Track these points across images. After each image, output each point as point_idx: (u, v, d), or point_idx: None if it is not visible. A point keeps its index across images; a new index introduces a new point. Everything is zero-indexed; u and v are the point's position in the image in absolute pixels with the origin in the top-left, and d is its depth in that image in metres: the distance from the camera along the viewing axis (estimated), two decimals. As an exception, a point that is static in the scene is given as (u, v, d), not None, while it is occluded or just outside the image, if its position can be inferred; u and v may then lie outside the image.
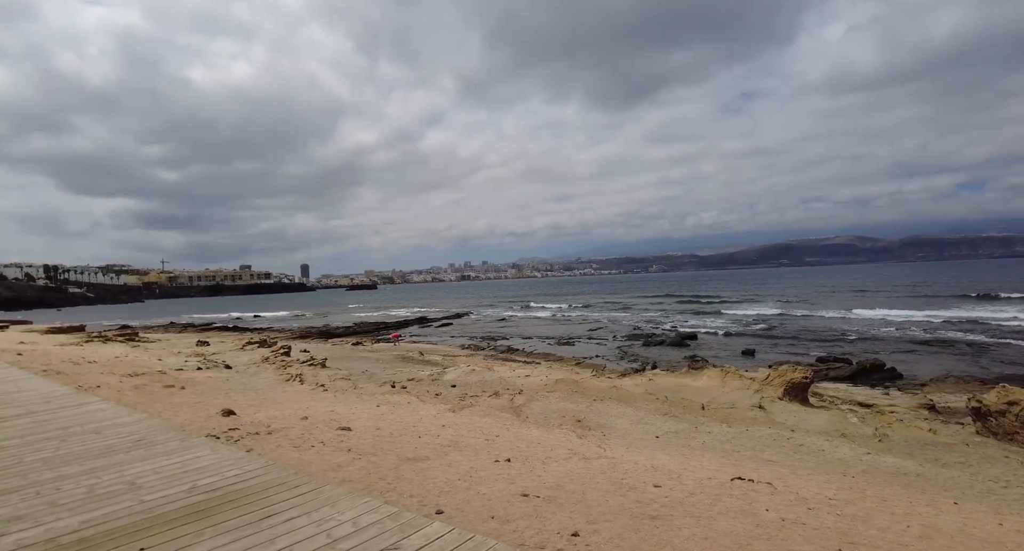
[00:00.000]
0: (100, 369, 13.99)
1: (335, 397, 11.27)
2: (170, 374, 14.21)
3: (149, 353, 21.32)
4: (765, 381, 16.20)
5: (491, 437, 7.20)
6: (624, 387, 14.85)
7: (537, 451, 6.45)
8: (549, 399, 11.92)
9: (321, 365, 19.20)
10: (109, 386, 11.41)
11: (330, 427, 7.25)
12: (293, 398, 10.90)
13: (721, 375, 17.10)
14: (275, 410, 9.22)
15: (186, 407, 9.59)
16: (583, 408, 11.01)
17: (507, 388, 13.63)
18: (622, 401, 12.08)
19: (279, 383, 13.66)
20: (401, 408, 9.63)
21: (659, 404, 12.07)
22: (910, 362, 25.02)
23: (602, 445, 7.47)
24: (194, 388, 12.29)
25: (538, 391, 13.12)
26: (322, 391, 12.28)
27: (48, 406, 7.48)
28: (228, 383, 13.33)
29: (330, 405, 9.88)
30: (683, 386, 15.53)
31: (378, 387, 13.88)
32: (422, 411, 9.34)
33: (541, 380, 16.21)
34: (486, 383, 14.70)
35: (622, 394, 13.09)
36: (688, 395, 14.49)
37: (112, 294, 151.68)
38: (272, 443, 6.20)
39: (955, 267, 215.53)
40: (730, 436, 9.10)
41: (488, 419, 8.85)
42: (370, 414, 8.80)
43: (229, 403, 10.24)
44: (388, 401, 10.66)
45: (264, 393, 11.72)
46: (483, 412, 9.79)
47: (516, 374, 17.60)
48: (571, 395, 12.57)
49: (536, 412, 10.40)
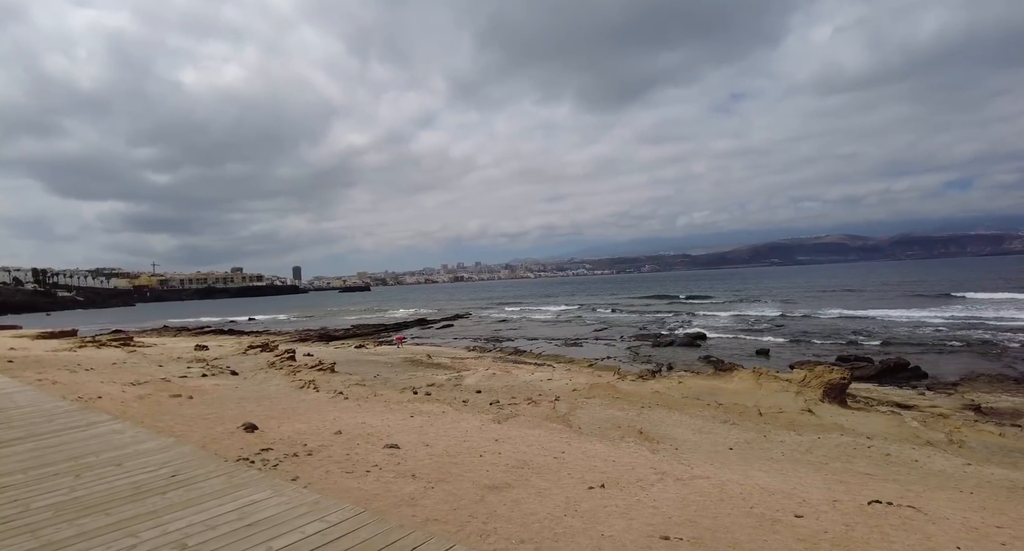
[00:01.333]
0: (99, 377, 12.99)
1: (359, 406, 10.34)
2: (175, 382, 13.22)
3: (147, 359, 20.26)
4: (802, 382, 15.43)
5: (557, 454, 6.34)
6: (661, 391, 14.02)
7: (622, 472, 5.59)
8: (592, 406, 11.06)
9: (330, 370, 18.24)
10: (111, 397, 10.43)
11: (373, 444, 6.35)
12: (314, 408, 9.97)
13: (754, 377, 16.30)
14: (300, 423, 8.29)
15: (200, 420, 8.64)
16: (634, 416, 10.17)
17: (539, 394, 12.75)
18: (671, 407, 11.24)
19: (293, 390, 12.70)
20: (439, 419, 8.73)
21: (712, 410, 11.25)
22: (929, 361, 24.35)
23: (683, 461, 6.63)
24: (203, 397, 11.32)
25: (575, 397, 12.25)
26: (342, 399, 11.34)
27: (51, 426, 6.38)
28: (238, 391, 12.36)
29: (358, 416, 8.96)
30: (719, 389, 14.71)
31: (399, 393, 12.95)
32: (464, 423, 8.45)
33: (566, 384, 15.35)
34: (512, 389, 13.81)
35: (667, 400, 12.26)
36: (726, 399, 13.67)
37: (102, 298, 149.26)
38: (318, 468, 5.29)
39: (946, 265, 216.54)
40: (807, 445, 8.29)
41: (540, 431, 7.98)
42: (408, 427, 7.90)
43: (246, 415, 9.29)
44: (420, 410, 9.75)
45: (280, 402, 10.77)
46: (531, 423, 8.91)
47: (536, 378, 16.71)
48: (613, 401, 11.71)
49: (586, 422, 9.54)
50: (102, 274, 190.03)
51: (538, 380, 15.88)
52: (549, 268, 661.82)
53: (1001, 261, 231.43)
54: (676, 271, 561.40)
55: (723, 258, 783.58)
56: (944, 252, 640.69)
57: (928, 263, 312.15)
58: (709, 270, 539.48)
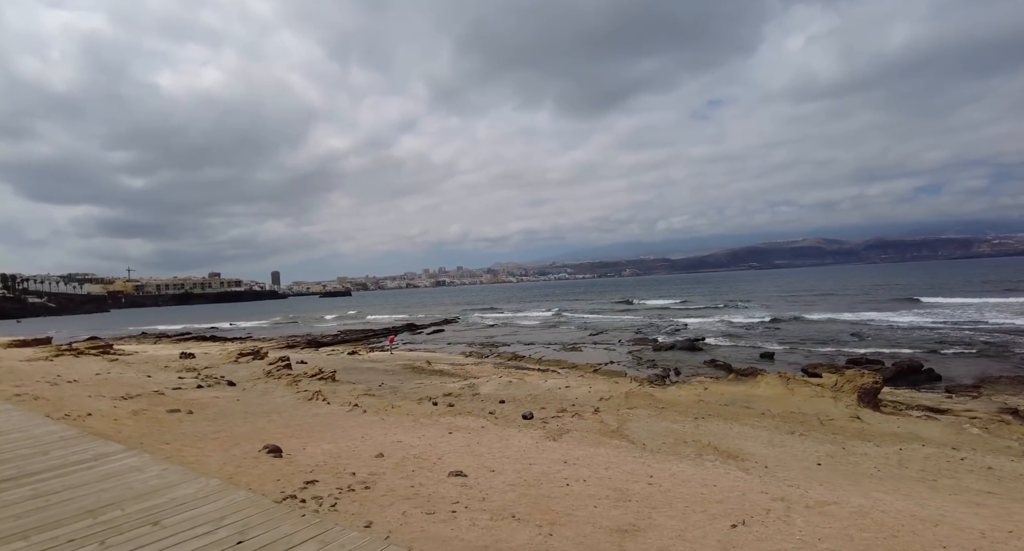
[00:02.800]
0: (85, 391, 11.80)
1: (383, 421, 9.37)
2: (169, 395, 12.08)
3: (132, 368, 18.94)
4: (835, 388, 14.82)
5: (649, 479, 5.52)
6: (691, 398, 13.23)
7: (738, 501, 4.78)
8: (640, 418, 10.23)
9: (332, 378, 17.18)
10: (102, 413, 9.32)
11: (431, 470, 5.44)
12: (334, 424, 8.98)
13: (782, 382, 15.64)
14: (326, 442, 7.32)
15: (209, 441, 7.60)
16: (691, 428, 9.37)
17: (571, 404, 11.88)
18: (724, 417, 10.47)
19: (301, 403, 11.66)
20: (482, 435, 7.82)
21: (767, 419, 10.51)
22: (937, 362, 23.98)
23: (787, 482, 5.84)
24: (203, 412, 10.25)
25: (613, 407, 11.41)
26: (360, 413, 10.35)
27: (48, 461, 4.95)
28: (241, 405, 11.30)
29: (390, 433, 8.01)
30: (751, 395, 13.99)
31: (417, 404, 11.99)
32: (513, 440, 7.55)
33: (587, 392, 14.50)
34: (537, 398, 12.93)
35: (713, 409, 11.48)
36: (762, 405, 12.96)
37: (75, 304, 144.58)
38: (388, 508, 4.35)
39: (919, 268, 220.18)
40: (894, 458, 7.57)
41: (606, 450, 7.13)
42: (454, 446, 6.98)
43: (259, 433, 8.27)
44: (455, 425, 8.82)
45: (293, 417, 9.75)
46: (588, 439, 8.04)
47: (552, 385, 15.85)
48: (659, 412, 10.90)
49: (645, 436, 8.70)
50: (75, 280, 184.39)
51: (557, 388, 15.02)
52: (531, 272, 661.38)
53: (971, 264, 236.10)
54: (656, 275, 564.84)
55: (702, 262, 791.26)
56: (916, 255, 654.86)
57: (901, 266, 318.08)
58: (689, 274, 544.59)
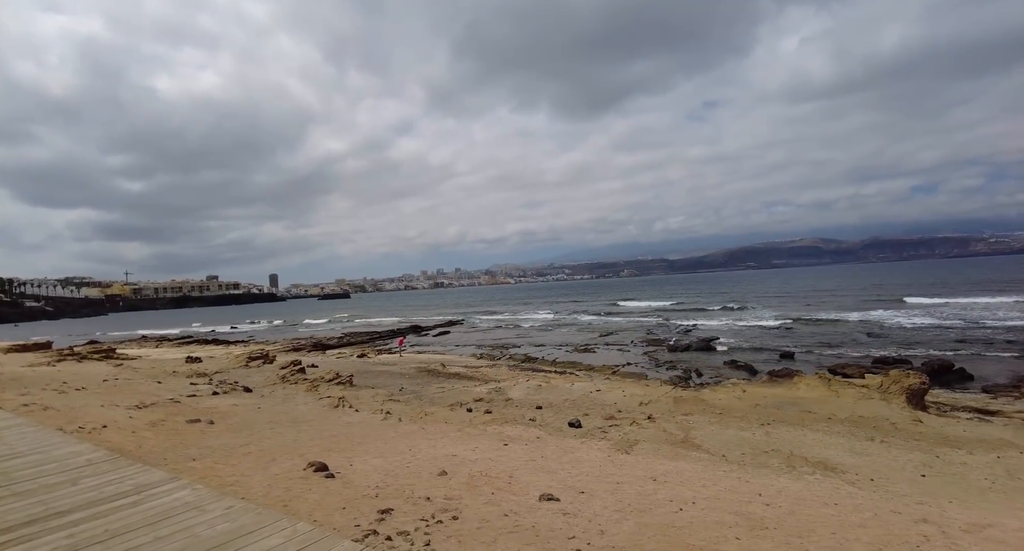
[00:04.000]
0: (96, 399, 11.05)
1: (424, 430, 8.65)
2: (184, 403, 11.33)
3: (140, 374, 18.17)
4: (881, 389, 14.14)
5: (760, 499, 4.83)
6: (728, 401, 12.53)
7: (883, 525, 4.12)
8: (704, 425, 9.54)
9: (349, 383, 16.45)
10: (118, 425, 8.57)
11: (513, 493, 4.73)
12: (373, 434, 8.25)
13: (823, 383, 14.96)
14: (374, 456, 6.60)
15: (241, 456, 6.88)
16: (762, 436, 8.68)
17: (617, 410, 11.17)
18: (790, 423, 9.79)
19: (327, 411, 10.93)
20: (542, 447, 7.11)
21: (835, 424, 9.83)
22: (963, 362, 23.34)
23: (913, 500, 5.17)
24: (226, 422, 9.52)
25: (664, 413, 10.71)
26: (396, 421, 9.62)
27: (80, 494, 3.93)
28: (263, 413, 10.56)
29: (438, 445, 7.29)
30: (795, 398, 13.30)
31: (449, 411, 11.26)
32: (581, 452, 6.85)
33: (622, 395, 13.80)
34: (575, 403, 12.21)
35: (772, 413, 10.80)
36: (809, 407, 12.30)
37: (73, 308, 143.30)
38: (497, 549, 3.63)
39: (918, 267, 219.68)
40: (1003, 468, 6.90)
41: (686, 463, 6.44)
42: (517, 460, 6.27)
43: (293, 446, 7.54)
44: (507, 435, 8.10)
45: (324, 427, 9.02)
46: (662, 451, 7.34)
47: (581, 389, 15.14)
48: (720, 417, 10.21)
49: (716, 445, 8.01)
50: (72, 283, 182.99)
51: (588, 392, 14.31)
52: (529, 273, 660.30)
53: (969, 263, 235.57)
54: (655, 275, 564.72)
55: (700, 262, 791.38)
56: (914, 255, 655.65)
57: (899, 265, 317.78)
58: (687, 274, 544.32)
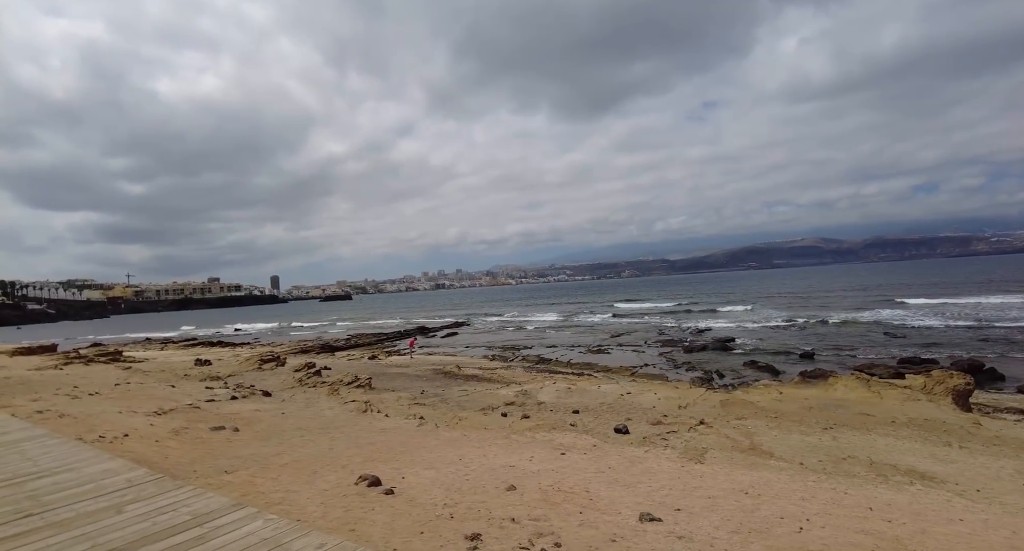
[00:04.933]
0: (112, 405, 10.51)
1: (466, 437, 8.10)
2: (204, 408, 10.79)
3: (151, 377, 17.63)
4: (925, 390, 13.60)
5: (877, 515, 4.29)
6: (767, 404, 11.98)
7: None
8: (762, 430, 9.00)
9: (369, 386, 15.93)
10: (140, 433, 8.03)
11: (604, 512, 4.20)
12: (413, 442, 7.70)
13: (862, 384, 14.42)
14: (423, 467, 6.06)
15: (278, 468, 6.33)
16: (830, 441, 8.15)
17: (663, 414, 10.63)
18: (854, 427, 9.25)
19: (354, 416, 10.38)
20: (604, 456, 6.57)
21: (897, 428, 9.30)
22: (991, 361, 22.76)
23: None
24: (251, 429, 8.97)
25: (712, 416, 10.16)
26: (431, 427, 9.07)
27: (127, 523, 3.43)
28: (289, 419, 10.01)
29: (487, 453, 6.75)
30: (837, 400, 12.76)
31: (484, 416, 10.72)
32: (650, 462, 6.31)
33: (655, 397, 13.26)
34: (613, 408, 11.67)
35: (827, 416, 10.25)
36: (859, 410, 11.76)
37: (75, 310, 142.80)
38: None
39: (920, 266, 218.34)
40: None
41: (768, 473, 5.90)
42: (585, 473, 5.73)
43: (331, 456, 7.00)
44: (560, 443, 7.56)
45: (357, 434, 8.47)
46: (736, 460, 6.80)
47: (609, 391, 14.60)
48: (776, 421, 9.67)
49: (787, 451, 7.47)
50: (74, 286, 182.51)
51: (620, 395, 13.77)
52: (530, 274, 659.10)
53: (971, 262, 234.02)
54: (656, 276, 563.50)
55: (701, 262, 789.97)
56: (915, 254, 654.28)
57: (901, 265, 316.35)
58: (688, 274, 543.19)
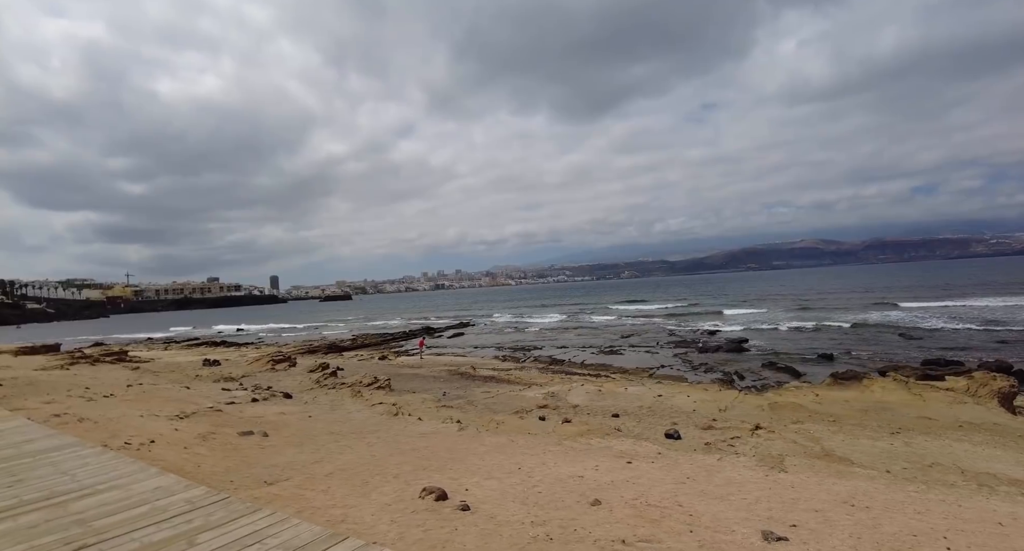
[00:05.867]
0: (129, 407, 9.98)
1: (514, 443, 7.59)
2: (227, 411, 10.27)
3: (162, 378, 17.10)
4: (968, 392, 13.13)
5: (1021, 536, 3.81)
6: (822, 405, 11.48)
7: None
8: (828, 435, 8.52)
9: (388, 387, 15.42)
10: (166, 439, 7.51)
11: (721, 532, 3.73)
12: (460, 448, 7.19)
13: (901, 386, 13.94)
14: (484, 478, 5.56)
15: (325, 479, 5.83)
16: (902, 446, 7.69)
17: (711, 419, 10.12)
18: (922, 431, 8.77)
19: (386, 419, 9.87)
20: (675, 465, 6.08)
21: (973, 432, 8.81)
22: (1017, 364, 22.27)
23: None
24: (280, 434, 8.45)
25: (776, 421, 9.67)
26: (473, 432, 8.56)
27: None
28: (318, 423, 9.49)
29: (547, 461, 6.25)
30: (879, 402, 12.31)
31: (520, 420, 10.22)
32: (729, 471, 5.82)
33: (688, 400, 12.78)
34: (653, 411, 11.18)
35: (894, 419, 9.77)
36: (907, 412, 11.24)
37: (74, 309, 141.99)
38: None
39: (920, 268, 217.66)
40: None
41: (862, 482, 5.40)
42: (665, 484, 5.24)
43: (376, 464, 6.50)
44: (618, 450, 7.06)
45: (396, 439, 7.96)
46: (817, 467, 6.31)
47: (639, 393, 14.10)
48: (837, 425, 9.20)
49: (864, 458, 6.99)
50: (73, 285, 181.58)
51: (652, 397, 13.26)
52: (530, 275, 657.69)
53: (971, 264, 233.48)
54: (656, 277, 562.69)
55: (701, 264, 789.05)
56: (914, 256, 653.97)
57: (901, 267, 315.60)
58: (688, 275, 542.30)
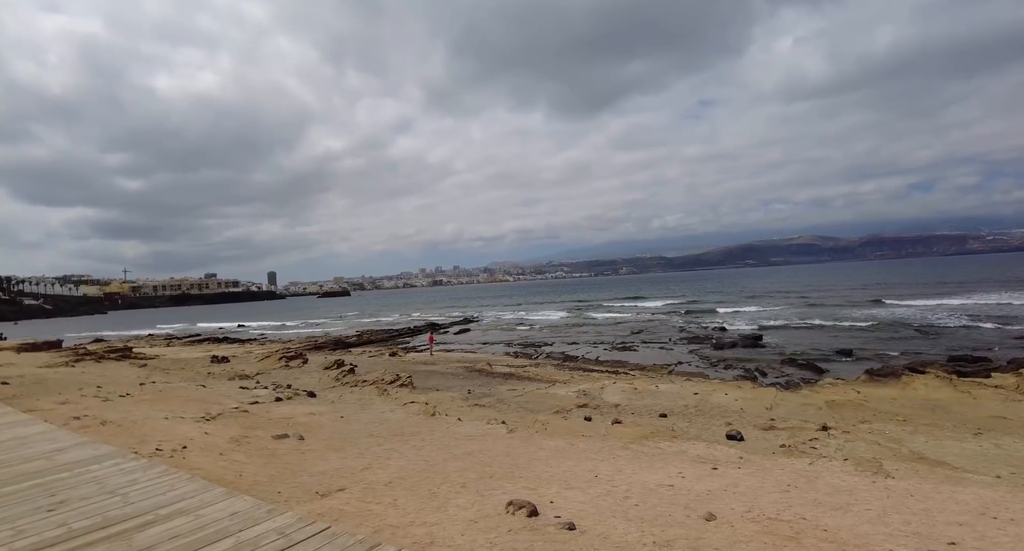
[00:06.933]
0: (149, 408, 9.37)
1: (573, 447, 7.02)
2: (252, 412, 9.66)
3: (172, 375, 16.48)
4: (1020, 390, 12.63)
5: None
6: (869, 402, 10.95)
7: None
8: (903, 436, 7.99)
9: (411, 385, 14.85)
10: (197, 444, 6.91)
11: None
12: (519, 453, 6.62)
13: (945, 383, 13.44)
14: (564, 488, 4.99)
15: (385, 489, 5.25)
16: (992, 448, 7.21)
17: (770, 419, 9.56)
18: (1000, 431, 8.23)
19: (421, 420, 9.29)
20: (770, 472, 5.52)
21: None
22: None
23: None
24: (317, 437, 7.86)
25: (842, 420, 9.14)
26: (527, 435, 7.97)
27: None
28: (352, 424, 8.90)
29: (625, 469, 5.69)
30: (926, 399, 11.82)
31: (565, 420, 9.67)
32: (829, 477, 5.28)
33: (727, 398, 12.24)
34: (701, 411, 10.63)
35: (969, 419, 9.25)
36: (964, 410, 10.70)
37: (71, 305, 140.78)
38: None
39: (918, 265, 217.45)
40: None
41: (989, 491, 4.89)
42: (768, 493, 4.71)
43: (433, 470, 5.93)
44: (692, 454, 6.50)
45: (443, 443, 7.38)
46: (923, 474, 5.77)
47: (675, 391, 13.57)
48: (907, 424, 8.67)
49: (967, 462, 6.46)
50: (70, 281, 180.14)
51: (690, 395, 12.72)
52: (528, 271, 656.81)
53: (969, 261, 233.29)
54: (653, 273, 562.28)
55: (698, 260, 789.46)
56: (911, 252, 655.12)
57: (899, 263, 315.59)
58: (686, 272, 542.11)
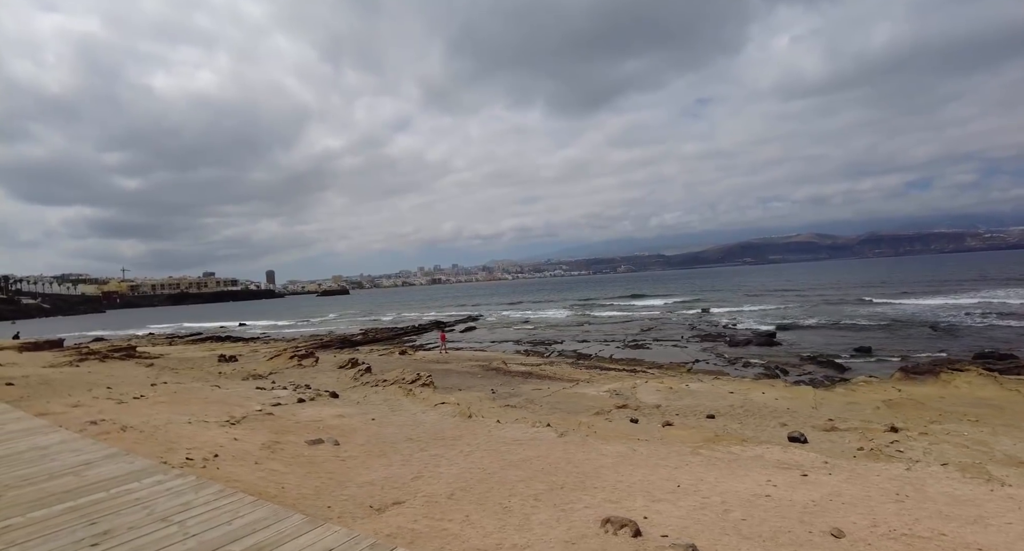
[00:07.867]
0: (168, 410, 8.78)
1: (636, 452, 6.48)
2: (277, 414, 9.08)
3: (181, 375, 15.90)
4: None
5: None
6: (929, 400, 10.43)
7: None
8: (986, 438, 7.54)
9: (431, 384, 14.30)
10: (228, 451, 6.35)
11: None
12: (579, 460, 6.07)
13: (990, 381, 12.96)
14: (649, 500, 4.46)
15: (448, 503, 4.70)
16: None
17: (826, 419, 9.05)
18: None
19: (459, 421, 8.73)
20: (867, 478, 4.99)
21: None
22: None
23: None
24: (353, 442, 7.30)
25: (910, 421, 8.62)
26: (581, 440, 7.39)
27: None
28: (385, 427, 8.33)
29: (705, 477, 5.16)
30: (975, 398, 11.36)
31: (608, 422, 9.13)
32: (939, 485, 4.79)
33: (766, 398, 11.74)
34: (749, 411, 10.12)
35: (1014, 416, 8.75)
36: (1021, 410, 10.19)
37: (70, 304, 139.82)
38: None
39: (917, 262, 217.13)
40: None
41: None
42: (883, 505, 4.23)
43: (491, 479, 5.36)
44: (770, 459, 5.99)
45: (493, 448, 6.82)
46: None
47: (704, 390, 13.05)
48: (989, 427, 8.19)
49: None
50: (68, 280, 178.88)
51: (728, 395, 12.18)
52: (526, 269, 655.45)
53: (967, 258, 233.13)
54: (652, 271, 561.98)
55: (697, 258, 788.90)
56: (910, 249, 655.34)
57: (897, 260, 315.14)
58: (684, 270, 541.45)
